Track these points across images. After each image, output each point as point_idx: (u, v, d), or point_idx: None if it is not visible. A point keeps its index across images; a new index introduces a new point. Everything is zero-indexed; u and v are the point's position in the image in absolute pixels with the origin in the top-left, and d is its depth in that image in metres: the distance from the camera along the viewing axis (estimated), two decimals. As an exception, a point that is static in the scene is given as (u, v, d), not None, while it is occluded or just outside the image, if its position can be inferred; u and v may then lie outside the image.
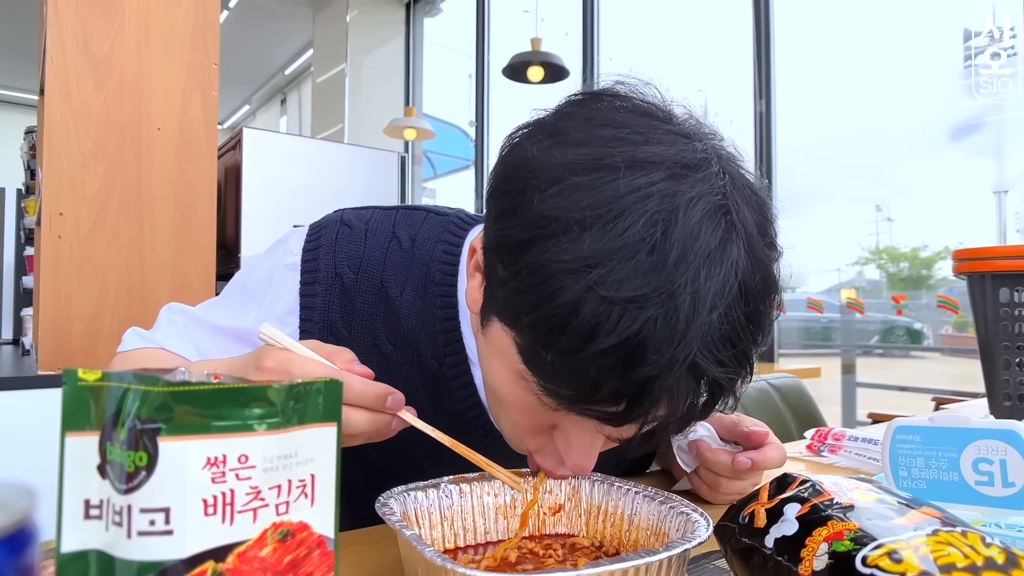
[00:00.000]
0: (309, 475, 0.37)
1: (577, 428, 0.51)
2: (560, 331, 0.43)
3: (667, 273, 0.41)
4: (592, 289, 0.41)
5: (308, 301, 0.66)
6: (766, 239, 0.49)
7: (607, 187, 0.43)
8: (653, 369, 0.42)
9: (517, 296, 0.46)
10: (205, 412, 0.33)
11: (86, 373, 0.35)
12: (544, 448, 0.55)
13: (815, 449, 0.98)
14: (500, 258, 0.48)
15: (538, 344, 0.45)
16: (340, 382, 0.38)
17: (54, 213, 1.53)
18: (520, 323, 0.47)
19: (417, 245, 0.67)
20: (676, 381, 0.43)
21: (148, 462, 0.32)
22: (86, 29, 1.57)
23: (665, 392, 0.43)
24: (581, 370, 0.43)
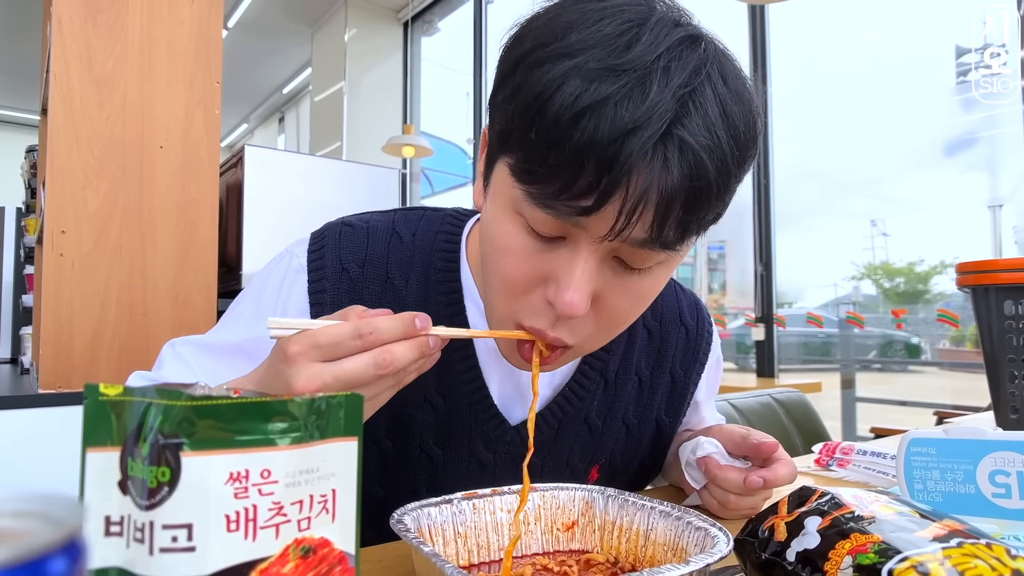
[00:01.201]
0: (330, 490, 0.37)
1: (566, 265, 0.52)
2: (545, 107, 0.47)
3: (639, 52, 0.47)
4: (574, 68, 0.47)
5: (318, 298, 0.67)
6: (739, 82, 0.52)
7: (592, 4, 0.50)
8: (627, 124, 0.45)
9: (511, 100, 0.51)
10: (228, 426, 0.33)
11: (108, 388, 0.34)
12: (534, 307, 0.55)
13: (824, 463, 0.97)
14: (501, 90, 0.53)
15: (526, 131, 0.49)
16: (361, 396, 0.38)
17: (56, 231, 1.53)
18: (511, 125, 0.51)
19: (418, 238, 0.70)
20: (650, 141, 0.46)
21: (171, 477, 0.32)
22: (90, 48, 1.58)
23: (640, 158, 0.46)
24: (562, 144, 0.46)
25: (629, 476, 0.81)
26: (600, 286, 0.53)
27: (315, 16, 6.00)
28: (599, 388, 0.73)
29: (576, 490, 0.62)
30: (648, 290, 0.56)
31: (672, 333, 0.78)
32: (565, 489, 0.62)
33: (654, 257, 0.53)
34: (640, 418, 0.77)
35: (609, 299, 0.55)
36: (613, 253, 0.52)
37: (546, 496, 0.61)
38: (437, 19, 5.76)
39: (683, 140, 0.47)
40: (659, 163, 0.46)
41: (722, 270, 5.74)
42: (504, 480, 0.70)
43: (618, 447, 0.76)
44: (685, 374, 0.80)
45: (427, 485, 0.70)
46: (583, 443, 0.74)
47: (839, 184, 4.52)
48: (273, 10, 5.86)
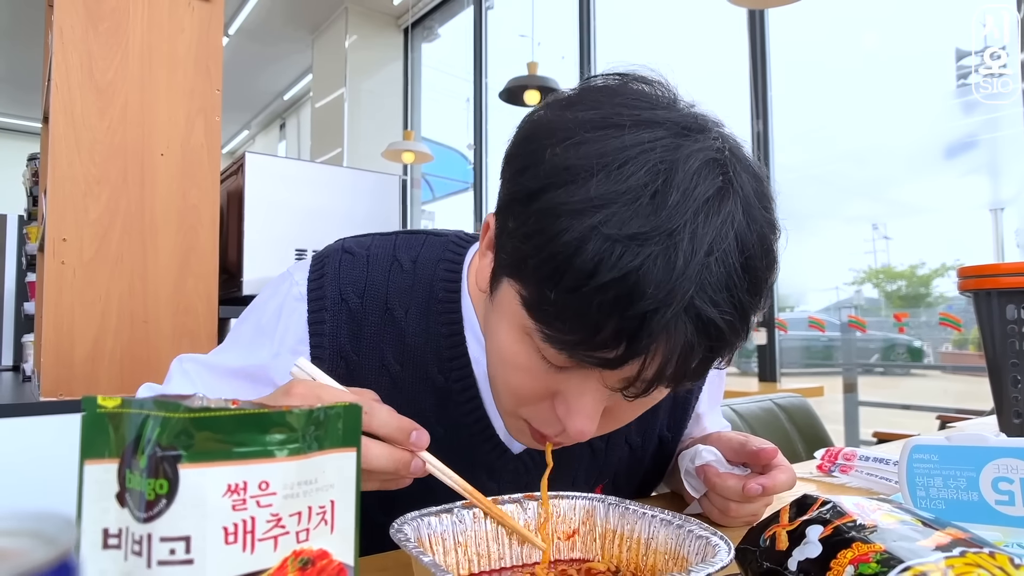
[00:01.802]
0: (329, 501, 0.36)
1: (577, 390, 0.52)
2: (564, 269, 0.45)
3: (667, 215, 0.44)
4: (596, 228, 0.44)
5: (317, 328, 0.67)
6: (763, 203, 0.51)
7: (614, 140, 0.47)
8: (651, 303, 0.44)
9: (525, 241, 0.48)
10: (226, 438, 0.33)
11: (105, 400, 0.34)
12: (543, 416, 0.56)
13: (826, 469, 0.97)
14: (511, 211, 0.51)
15: (542, 285, 0.47)
16: (359, 406, 0.38)
17: (57, 239, 1.53)
18: (526, 269, 0.49)
19: (418, 267, 0.69)
20: (673, 318, 0.45)
21: (168, 490, 0.32)
22: (91, 57, 1.59)
23: (662, 330, 0.45)
24: (582, 308, 0.45)
25: (632, 489, 0.81)
26: (609, 404, 0.54)
27: (316, 23, 6.02)
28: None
29: (577, 499, 0.61)
30: (653, 401, 0.55)
31: None
32: (566, 498, 0.62)
33: (664, 391, 0.52)
34: (643, 436, 0.77)
35: (617, 411, 0.56)
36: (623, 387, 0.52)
37: (547, 505, 0.61)
38: (437, 25, 5.78)
39: (708, 318, 0.46)
40: (682, 336, 0.46)
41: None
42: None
43: (622, 466, 0.76)
44: (686, 390, 0.79)
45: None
46: (587, 465, 0.73)
47: (840, 187, 4.52)
48: (274, 17, 5.88)
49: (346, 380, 0.57)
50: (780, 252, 0.55)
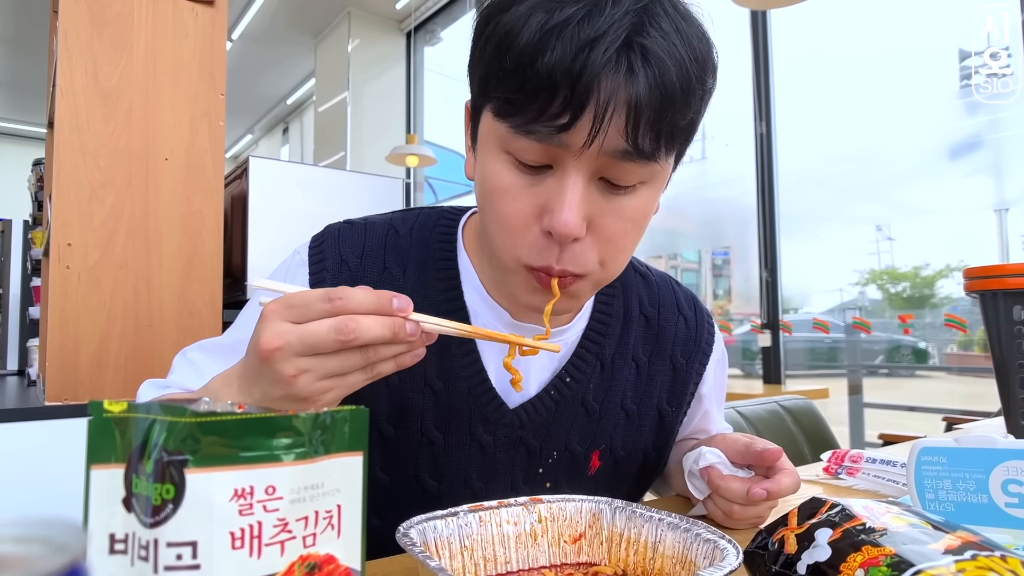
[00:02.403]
0: (335, 506, 0.36)
1: (556, 189, 0.55)
2: (515, 39, 0.52)
3: None
4: (538, 2, 0.52)
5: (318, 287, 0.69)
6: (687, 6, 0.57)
7: None
8: (589, 36, 0.50)
9: (486, 49, 0.56)
10: (232, 443, 0.33)
11: (112, 404, 0.34)
12: (536, 244, 0.58)
13: (832, 471, 0.96)
14: (476, 47, 0.59)
15: (501, 64, 0.53)
16: (366, 410, 0.37)
17: (62, 244, 1.54)
18: (490, 73, 0.56)
19: (415, 232, 0.73)
20: (611, 51, 0.50)
21: (175, 495, 0.32)
22: (96, 62, 1.59)
23: (604, 67, 0.50)
24: (535, 66, 0.51)
25: (633, 468, 0.79)
26: (591, 210, 0.56)
27: (318, 27, 6.04)
28: (595, 371, 0.74)
29: (583, 502, 0.61)
30: (638, 212, 0.59)
31: (671, 322, 0.79)
32: (572, 501, 0.61)
33: (636, 172, 0.56)
34: (639, 404, 0.77)
35: (603, 223, 0.57)
36: (598, 174, 0.56)
37: (552, 508, 0.61)
38: (439, 29, 5.79)
39: (643, 46, 0.51)
40: (623, 68, 0.51)
41: (727, 276, 5.73)
42: (504, 464, 0.72)
43: (617, 433, 0.76)
44: (687, 363, 0.79)
45: (429, 470, 0.70)
46: (581, 426, 0.74)
47: (843, 189, 4.51)
48: (277, 22, 5.90)
49: None
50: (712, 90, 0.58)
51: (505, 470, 0.71)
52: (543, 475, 0.73)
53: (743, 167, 3.51)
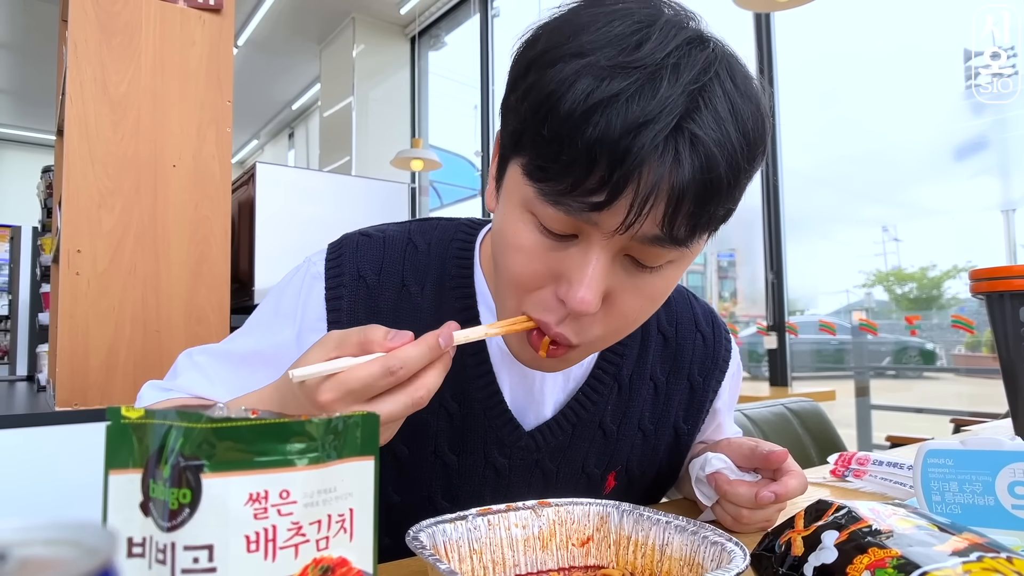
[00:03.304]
0: (348, 509, 0.37)
1: (578, 263, 0.53)
2: (558, 104, 0.48)
3: (649, 52, 0.48)
4: (586, 66, 0.48)
5: (335, 304, 0.68)
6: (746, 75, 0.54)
7: (600, 9, 0.52)
8: (639, 118, 0.46)
9: (524, 103, 0.52)
10: (247, 448, 0.34)
11: (129, 411, 0.35)
12: (544, 302, 0.56)
13: (839, 474, 0.96)
14: (513, 92, 0.55)
15: (538, 128, 0.50)
16: (377, 416, 0.38)
17: (72, 250, 1.55)
18: (525, 128, 0.52)
19: (433, 247, 0.72)
20: (660, 137, 0.47)
21: (192, 499, 0.33)
22: (104, 70, 1.61)
23: (651, 153, 0.46)
24: (575, 139, 0.47)
25: (647, 484, 0.79)
26: (612, 284, 0.54)
27: (323, 33, 6.07)
28: (613, 392, 0.73)
29: (591, 505, 0.62)
30: (658, 290, 0.57)
31: (688, 340, 0.78)
32: (579, 504, 0.62)
33: (665, 255, 0.53)
34: (656, 424, 0.76)
35: (620, 298, 0.55)
36: (625, 251, 0.53)
37: (560, 511, 0.61)
38: (444, 33, 5.81)
39: (694, 134, 0.47)
40: (670, 157, 0.47)
41: (732, 278, 5.72)
42: (519, 486, 0.71)
43: (634, 453, 0.75)
44: (704, 381, 0.79)
45: (442, 492, 0.70)
46: (598, 449, 0.73)
47: (849, 190, 4.50)
48: (282, 28, 5.93)
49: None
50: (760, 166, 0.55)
51: (519, 493, 0.71)
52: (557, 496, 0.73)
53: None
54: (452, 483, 0.70)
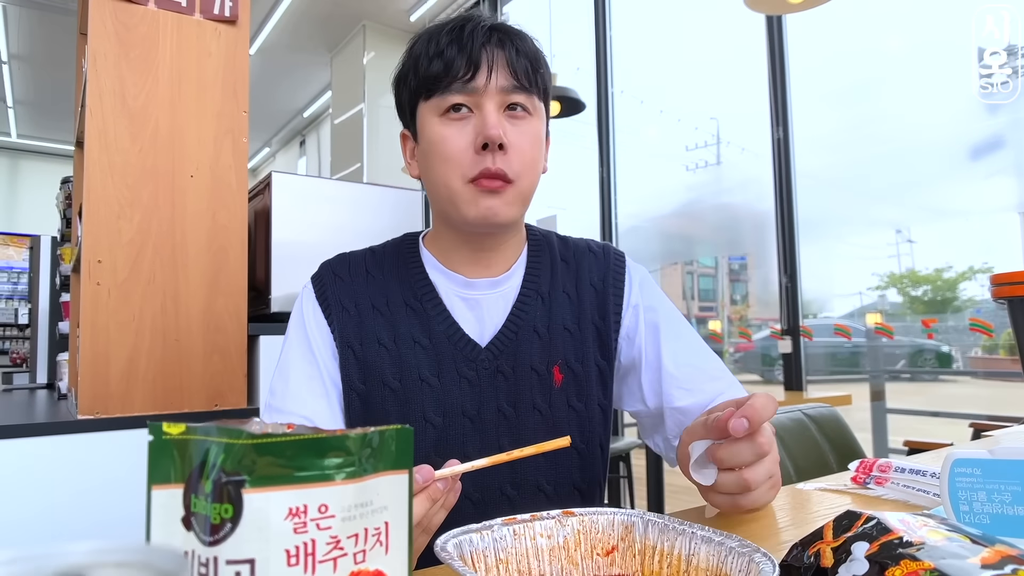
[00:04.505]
0: (383, 523, 0.37)
1: (478, 120, 0.81)
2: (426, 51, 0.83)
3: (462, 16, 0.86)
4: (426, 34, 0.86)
5: (323, 298, 0.91)
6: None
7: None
8: (466, 24, 0.82)
9: (408, 77, 0.86)
10: (287, 463, 0.34)
11: (170, 427, 0.36)
12: (477, 161, 0.81)
13: (860, 481, 0.96)
14: (400, 84, 0.89)
15: (423, 72, 0.82)
16: (411, 429, 0.39)
17: (92, 260, 1.57)
18: (418, 82, 0.84)
19: (387, 246, 0.96)
20: (482, 29, 0.82)
21: (233, 514, 0.33)
22: (123, 84, 1.63)
23: (478, 38, 0.80)
24: (442, 56, 0.81)
25: (591, 379, 0.92)
26: (505, 129, 0.81)
27: (334, 41, 6.11)
28: (538, 304, 0.92)
29: (615, 515, 0.62)
30: (531, 133, 0.84)
31: (584, 259, 0.98)
32: (604, 514, 0.62)
33: (524, 99, 0.83)
34: (578, 324, 0.93)
35: (513, 140, 0.82)
36: (503, 104, 0.82)
37: (584, 520, 0.62)
38: (454, 40, 5.84)
39: (502, 30, 0.83)
40: (495, 41, 0.81)
41: (744, 281, 5.69)
42: (488, 391, 0.88)
43: (568, 350, 0.91)
44: (603, 283, 0.96)
45: (432, 407, 0.86)
46: (538, 349, 0.90)
47: (861, 192, 4.47)
48: (293, 37, 5.98)
49: (353, 323, 0.88)
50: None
51: (491, 396, 0.88)
52: (520, 395, 0.88)
53: (759, 170, 3.49)
54: (438, 399, 0.87)
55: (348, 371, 0.87)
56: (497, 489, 0.87)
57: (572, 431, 0.89)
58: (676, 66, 5.08)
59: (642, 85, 4.80)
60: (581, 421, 0.91)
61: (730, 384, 0.94)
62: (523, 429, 0.88)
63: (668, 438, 0.95)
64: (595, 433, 0.92)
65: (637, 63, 4.77)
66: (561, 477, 0.89)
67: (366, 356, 0.87)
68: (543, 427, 0.89)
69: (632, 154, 4.64)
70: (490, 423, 0.87)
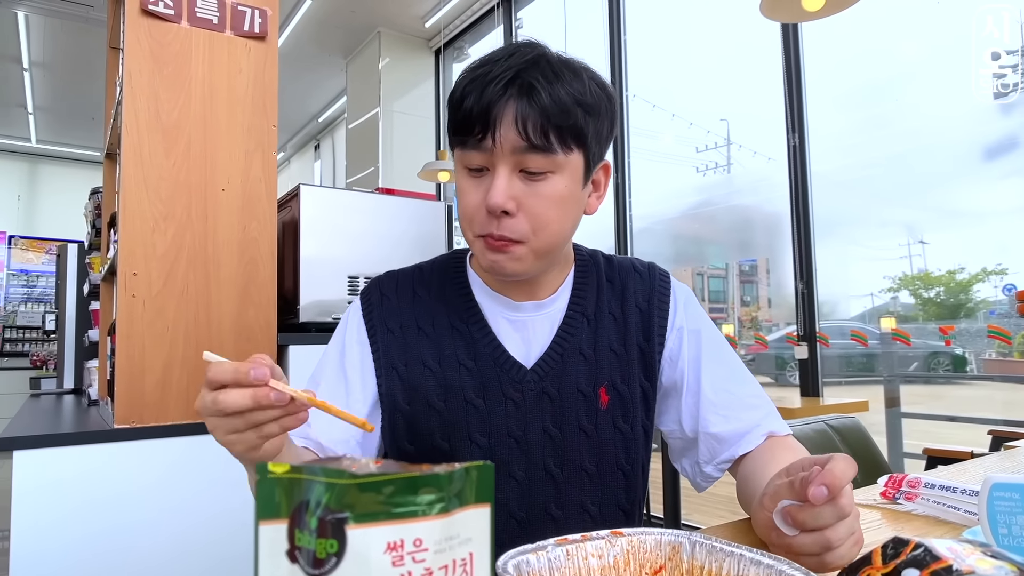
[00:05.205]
0: (468, 553, 0.40)
1: (490, 181, 0.79)
2: (451, 97, 0.82)
3: (494, 54, 0.80)
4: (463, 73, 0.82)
5: (368, 317, 0.92)
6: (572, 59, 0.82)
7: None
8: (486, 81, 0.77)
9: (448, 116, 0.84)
10: (386, 500, 0.37)
11: (275, 466, 0.38)
12: (483, 221, 0.81)
13: (890, 496, 0.98)
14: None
15: (450, 117, 0.82)
16: (492, 465, 0.41)
17: (128, 273, 1.61)
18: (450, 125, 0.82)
19: (435, 264, 0.97)
20: (499, 87, 0.76)
21: (338, 549, 0.36)
22: (157, 100, 1.67)
23: (497, 101, 0.76)
24: (457, 111, 0.80)
25: (636, 399, 0.92)
26: (517, 193, 0.79)
27: (349, 47, 6.16)
28: (583, 325, 0.93)
29: (662, 535, 0.64)
30: (552, 193, 0.80)
31: (629, 279, 0.98)
32: (651, 534, 0.64)
33: (541, 161, 0.78)
34: (624, 345, 0.93)
35: (527, 202, 0.80)
36: (517, 167, 0.79)
37: (632, 541, 0.64)
38: (468, 46, 5.87)
39: (525, 81, 0.76)
40: (511, 96, 0.76)
41: (755, 283, 5.68)
42: (534, 412, 0.89)
43: (614, 371, 0.92)
44: (648, 304, 0.96)
45: (479, 429, 0.87)
46: (583, 370, 0.90)
47: (873, 193, 4.46)
48: (309, 43, 6.04)
49: (398, 344, 0.89)
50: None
51: (536, 418, 0.88)
52: (566, 417, 0.89)
53: (770, 172, 3.50)
54: (484, 421, 0.87)
55: (393, 392, 0.88)
56: (542, 508, 0.88)
57: (618, 452, 0.90)
58: (687, 69, 5.09)
59: (654, 89, 4.81)
60: (627, 442, 0.91)
61: (767, 414, 0.94)
62: (569, 451, 0.88)
63: (698, 462, 0.95)
64: (639, 454, 0.93)
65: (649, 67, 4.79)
66: (606, 497, 0.91)
67: (411, 377, 0.88)
68: (589, 448, 0.89)
69: (644, 157, 4.65)
70: (535, 444, 0.88)
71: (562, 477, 0.89)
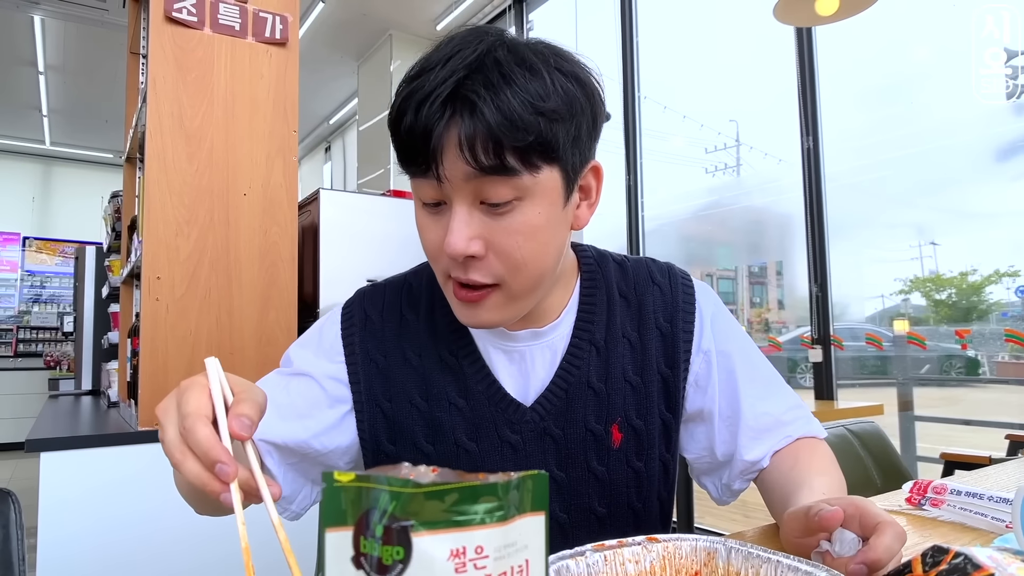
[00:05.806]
0: (524, 560, 0.41)
1: (446, 219, 0.66)
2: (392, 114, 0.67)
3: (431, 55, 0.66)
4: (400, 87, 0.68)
5: (348, 340, 0.82)
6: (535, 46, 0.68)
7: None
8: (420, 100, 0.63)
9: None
10: (448, 508, 0.38)
11: (340, 475, 0.40)
12: (447, 263, 0.69)
13: (915, 502, 0.98)
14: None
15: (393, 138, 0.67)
16: (546, 475, 0.42)
17: (152, 277, 1.63)
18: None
19: (424, 281, 0.84)
20: (435, 107, 0.62)
21: (404, 556, 0.37)
22: (181, 106, 1.69)
23: (435, 121, 0.62)
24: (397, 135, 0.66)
25: (654, 434, 0.82)
26: (483, 231, 0.66)
27: (361, 50, 6.19)
28: (592, 354, 0.81)
29: (697, 540, 0.65)
30: (524, 225, 0.67)
31: (647, 294, 0.85)
32: (686, 540, 0.65)
33: (502, 190, 0.64)
34: (642, 375, 0.82)
35: (496, 239, 0.67)
36: (477, 199, 0.66)
37: (668, 547, 0.65)
38: (478, 48, 5.89)
39: (464, 96, 0.62)
40: (450, 114, 0.62)
41: (764, 284, 5.67)
42: (535, 456, 0.78)
43: (628, 405, 0.81)
44: (671, 326, 0.83)
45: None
46: (593, 405, 0.80)
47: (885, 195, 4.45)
48: (321, 46, 6.07)
49: (382, 377, 0.78)
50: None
51: (537, 462, 0.78)
52: (573, 459, 0.79)
53: (782, 175, 3.50)
54: (477, 467, 0.77)
55: (376, 430, 0.79)
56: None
57: (629, 491, 0.81)
58: (698, 71, 5.09)
59: (665, 90, 4.82)
60: (640, 481, 0.81)
61: (801, 422, 0.88)
62: (576, 495, 0.79)
63: (727, 483, 0.88)
64: (653, 490, 0.83)
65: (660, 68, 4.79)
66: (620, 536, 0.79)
67: (396, 415, 0.78)
68: (598, 490, 0.80)
69: (654, 158, 4.66)
70: None
71: (569, 523, 0.80)
